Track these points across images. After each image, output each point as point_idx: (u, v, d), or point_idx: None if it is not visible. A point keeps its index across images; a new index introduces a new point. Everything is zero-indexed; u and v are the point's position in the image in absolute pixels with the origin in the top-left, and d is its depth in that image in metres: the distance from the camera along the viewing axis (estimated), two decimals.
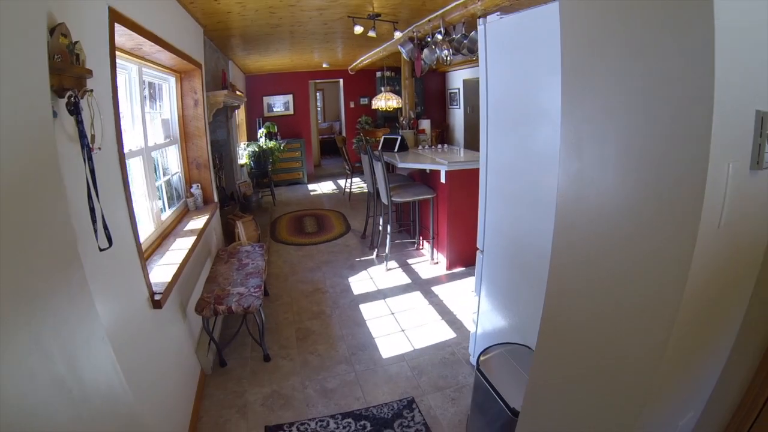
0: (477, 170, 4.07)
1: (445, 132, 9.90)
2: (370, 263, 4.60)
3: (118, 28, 1.96)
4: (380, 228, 4.73)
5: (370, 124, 9.67)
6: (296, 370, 2.87)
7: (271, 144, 7.40)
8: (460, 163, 4.06)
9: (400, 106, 7.18)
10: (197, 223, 3.30)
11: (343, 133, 10.31)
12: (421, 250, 4.85)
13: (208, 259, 3.65)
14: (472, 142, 9.09)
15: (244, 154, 7.33)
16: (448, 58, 4.45)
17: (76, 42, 1.54)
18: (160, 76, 3.21)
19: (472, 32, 4.11)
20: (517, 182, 2.07)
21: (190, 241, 2.92)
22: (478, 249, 2.52)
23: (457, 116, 9.63)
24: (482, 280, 2.55)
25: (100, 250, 1.59)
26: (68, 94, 1.48)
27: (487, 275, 2.49)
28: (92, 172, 1.54)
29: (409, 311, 3.56)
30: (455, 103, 9.64)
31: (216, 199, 4.01)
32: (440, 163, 4.09)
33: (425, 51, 4.60)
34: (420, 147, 5.47)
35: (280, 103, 9.35)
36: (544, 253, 1.90)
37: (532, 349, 2.06)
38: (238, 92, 6.26)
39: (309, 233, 5.72)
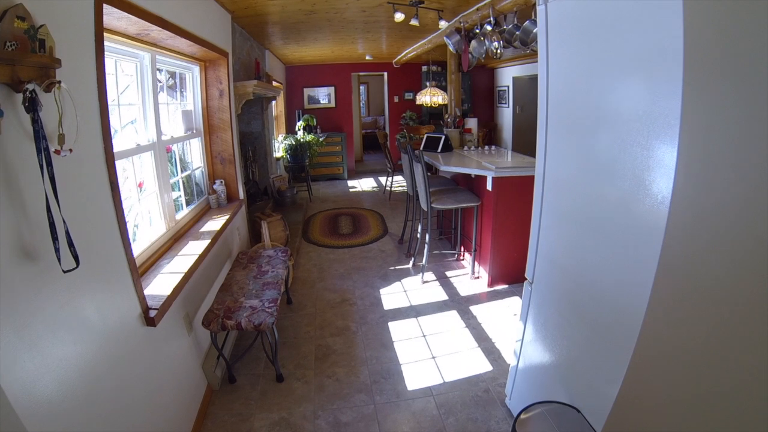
0: (527, 177, 3.66)
1: (492, 132, 9.35)
2: (406, 273, 4.24)
3: (111, 10, 1.69)
4: (418, 235, 4.35)
5: (415, 120, 9.27)
6: (310, 396, 2.57)
7: (309, 137, 7.15)
8: (509, 169, 3.62)
9: (446, 102, 6.75)
10: (215, 224, 3.06)
11: (387, 128, 9.97)
12: (462, 262, 4.45)
13: (228, 261, 3.42)
14: (520, 143, 8.52)
15: (280, 147, 7.14)
16: (498, 51, 4.00)
17: (41, 26, 1.27)
18: (181, 64, 2.97)
19: (526, 22, 3.64)
20: (582, 204, 1.64)
21: (203, 245, 2.68)
22: (526, 279, 2.12)
23: (506, 115, 9.06)
24: (528, 316, 2.14)
25: (64, 272, 1.33)
26: (25, 87, 1.22)
27: (534, 312, 2.08)
28: (52, 179, 1.28)
29: (442, 334, 3.19)
30: (504, 102, 9.07)
31: (241, 196, 3.77)
32: (487, 168, 3.67)
33: (473, 43, 4.17)
34: (465, 148, 5.03)
35: (321, 96, 9.11)
36: (610, 299, 1.46)
37: (581, 414, 1.65)
38: (275, 83, 6.04)
39: (343, 234, 5.43)
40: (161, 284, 2.16)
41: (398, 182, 8.00)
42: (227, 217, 3.20)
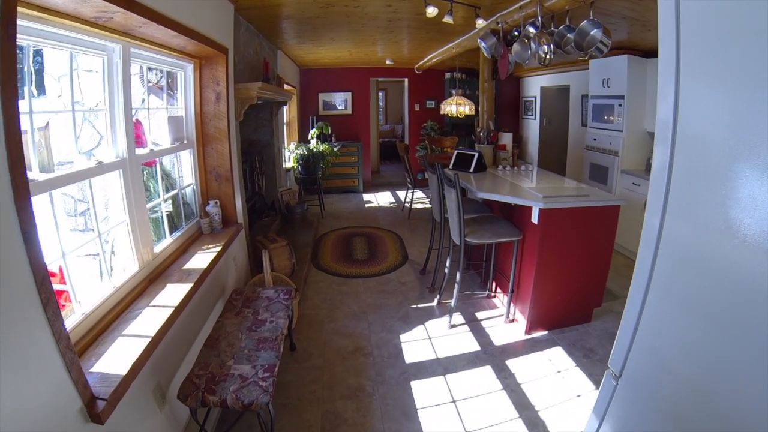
0: (579, 209, 3.06)
1: (518, 145, 8.73)
2: (430, 314, 3.63)
3: None
4: (447, 270, 3.73)
5: (437, 130, 8.66)
6: None
7: (323, 147, 6.59)
8: (559, 199, 3.02)
9: (472, 113, 6.15)
10: (204, 258, 2.50)
11: (406, 138, 9.38)
12: (494, 300, 3.83)
13: (221, 299, 2.86)
14: (546, 158, 7.88)
15: (291, 156, 6.59)
16: (548, 56, 3.40)
17: None
18: (168, 61, 2.43)
19: (584, 22, 3.04)
20: (732, 291, 1.02)
21: (184, 290, 2.12)
22: (609, 369, 1.50)
23: (532, 128, 8.42)
24: (607, 415, 1.53)
25: None
26: None
27: (619, 416, 1.47)
28: None
29: (475, 399, 2.59)
30: (530, 114, 8.43)
31: (240, 219, 3.21)
32: (532, 197, 3.07)
33: (515, 46, 3.56)
34: (500, 167, 4.40)
35: (337, 101, 8.55)
36: None
37: None
38: (287, 86, 5.50)
39: (357, 260, 4.82)
40: (119, 355, 1.61)
41: (419, 198, 7.37)
42: (219, 248, 2.64)
